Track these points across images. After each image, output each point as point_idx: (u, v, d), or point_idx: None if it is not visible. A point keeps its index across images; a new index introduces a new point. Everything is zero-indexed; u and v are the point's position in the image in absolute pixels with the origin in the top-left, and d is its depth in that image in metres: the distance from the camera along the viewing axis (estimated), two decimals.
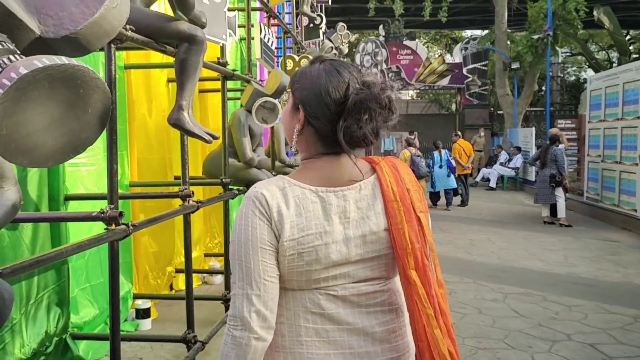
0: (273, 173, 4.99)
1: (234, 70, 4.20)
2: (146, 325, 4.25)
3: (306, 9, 8.12)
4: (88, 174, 3.79)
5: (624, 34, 18.35)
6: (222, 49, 4.02)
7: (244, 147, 4.47)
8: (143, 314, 4.24)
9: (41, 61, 1.06)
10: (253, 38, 4.72)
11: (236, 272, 1.16)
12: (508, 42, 17.77)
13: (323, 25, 8.99)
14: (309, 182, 1.20)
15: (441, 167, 11.18)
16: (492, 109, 22.22)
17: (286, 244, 1.14)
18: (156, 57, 4.45)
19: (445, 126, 22.88)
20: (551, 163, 9.04)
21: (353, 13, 22.12)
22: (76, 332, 3.58)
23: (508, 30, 17.90)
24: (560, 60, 24.31)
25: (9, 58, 1.11)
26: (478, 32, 24.46)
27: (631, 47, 21.23)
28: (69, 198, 3.54)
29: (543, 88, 22.87)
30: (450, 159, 11.23)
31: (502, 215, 10.48)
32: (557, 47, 18.09)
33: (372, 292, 1.22)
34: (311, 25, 8.72)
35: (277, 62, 6.50)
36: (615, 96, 9.39)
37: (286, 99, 5.13)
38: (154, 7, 3.08)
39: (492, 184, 15.12)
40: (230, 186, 4.25)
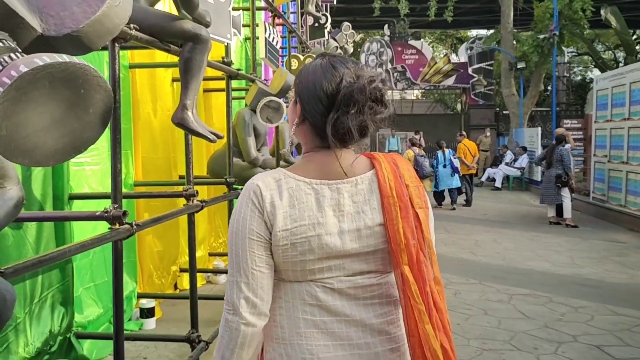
0: None
1: (239, 69, 4.18)
2: (150, 324, 4.25)
3: (311, 9, 8.11)
4: (92, 173, 3.79)
5: (631, 34, 18.21)
6: (227, 48, 4.01)
7: (249, 147, 4.46)
8: (147, 313, 4.24)
9: (42, 59, 1.05)
10: (258, 37, 4.71)
11: (230, 260, 1.21)
12: (514, 42, 17.69)
13: (328, 24, 8.98)
14: (305, 175, 1.22)
15: (445, 167, 11.17)
16: (498, 109, 22.16)
17: (279, 234, 1.17)
18: (161, 57, 4.44)
19: (450, 126, 22.81)
20: (557, 163, 8.99)
21: (358, 13, 22.08)
22: (80, 332, 3.58)
23: (514, 29, 17.81)
24: (566, 60, 24.22)
25: (10, 56, 1.10)
26: (483, 32, 24.35)
27: (638, 47, 21.10)
28: (73, 197, 3.54)
29: (549, 88, 22.79)
30: (452, 159, 11.20)
31: (508, 215, 10.44)
32: (563, 47, 18.02)
33: (369, 285, 1.23)
34: (316, 24, 8.71)
35: (282, 62, 6.49)
36: (622, 96, 9.33)
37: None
38: (159, 6, 3.07)
39: (498, 184, 15.06)
40: (234, 185, 4.24)
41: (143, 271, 4.68)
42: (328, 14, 9.07)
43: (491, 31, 21.00)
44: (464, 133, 13.54)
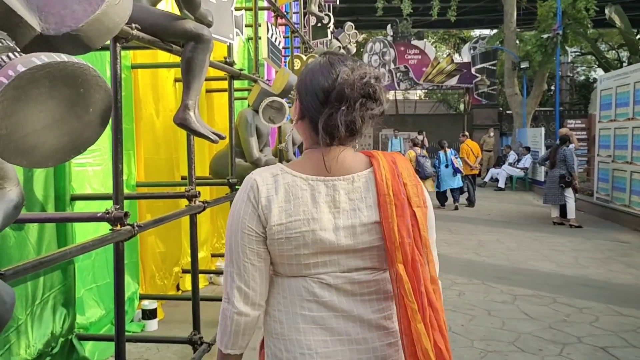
0: None
1: (241, 69, 4.17)
2: (152, 326, 4.23)
3: (314, 9, 8.09)
4: (94, 174, 3.78)
5: (635, 33, 18.14)
6: (229, 48, 3.99)
7: (251, 147, 4.44)
8: (149, 315, 4.23)
9: (40, 58, 1.03)
10: (260, 37, 4.69)
11: (225, 251, 1.27)
12: (517, 42, 17.64)
13: (331, 24, 8.96)
14: (302, 171, 1.24)
15: (447, 167, 11.14)
16: (501, 109, 22.09)
17: (275, 228, 1.20)
18: (163, 57, 4.43)
19: (453, 126, 22.77)
20: (561, 163, 8.95)
21: (361, 13, 22.06)
22: (82, 333, 3.57)
23: (517, 29, 17.76)
24: (569, 59, 24.13)
25: (8, 56, 1.08)
26: (487, 32, 24.30)
27: None
28: (75, 198, 3.53)
29: (552, 88, 22.72)
30: (453, 159, 11.16)
31: (511, 215, 10.40)
32: (567, 47, 17.95)
33: (366, 281, 1.24)
34: (319, 24, 8.69)
35: (285, 62, 6.48)
36: (626, 96, 9.29)
37: None
38: (161, 6, 3.06)
39: (501, 184, 15.02)
40: (237, 186, 4.22)
41: (145, 272, 4.67)
42: (331, 14, 9.05)
43: (494, 31, 20.99)
44: (467, 133, 13.50)
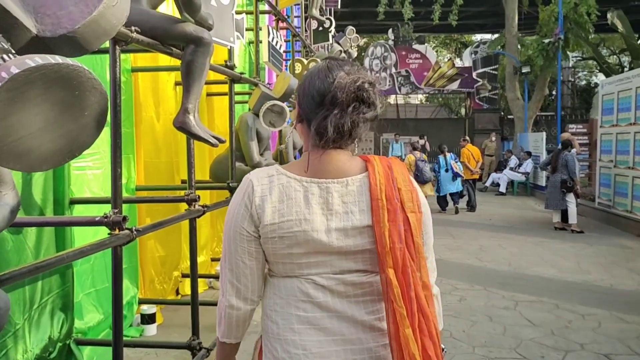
0: None
1: (242, 73, 4.15)
2: (151, 330, 4.20)
3: (315, 13, 8.08)
4: (94, 178, 3.75)
5: (637, 38, 18.12)
6: (230, 52, 3.98)
7: (251, 151, 4.42)
8: (148, 319, 4.20)
9: (34, 60, 1.01)
10: (261, 41, 4.68)
11: (222, 247, 1.33)
12: (518, 46, 17.62)
13: (332, 28, 8.95)
14: (297, 172, 1.26)
15: (447, 171, 11.12)
16: (502, 114, 22.08)
17: (268, 227, 1.23)
18: (164, 60, 4.42)
19: (454, 130, 22.74)
20: (562, 168, 8.92)
21: (362, 17, 22.07)
22: (80, 338, 3.54)
23: (519, 33, 17.75)
24: (570, 64, 24.12)
25: (2, 57, 1.06)
26: (488, 36, 24.31)
27: None
28: (75, 202, 3.50)
29: (554, 92, 22.71)
30: (453, 163, 11.13)
31: (513, 220, 10.36)
32: (568, 51, 17.92)
33: (359, 283, 1.26)
34: (320, 28, 8.69)
35: (286, 66, 6.46)
36: (628, 101, 9.26)
37: None
38: (161, 9, 3.05)
39: (502, 189, 14.98)
40: None
41: (144, 276, 4.64)
42: (332, 18, 9.05)
43: (496, 35, 20.96)
44: (467, 138, 13.46)
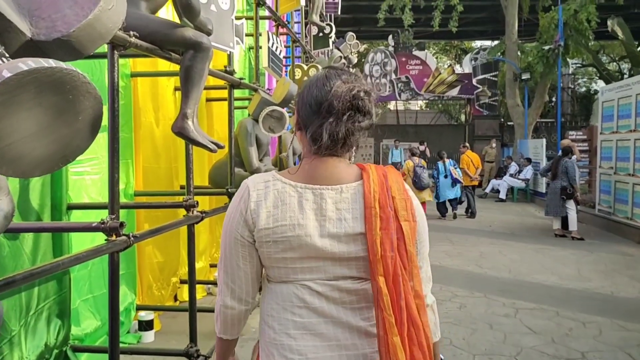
0: None
1: (241, 78, 4.14)
2: (149, 337, 4.17)
3: (315, 18, 8.09)
4: (92, 183, 3.73)
5: (637, 45, 18.14)
6: (229, 57, 3.97)
7: (251, 157, 4.40)
8: (146, 326, 4.16)
9: (27, 64, 0.99)
10: (261, 47, 4.67)
11: (220, 248, 1.37)
12: (518, 53, 17.64)
13: (332, 34, 8.96)
14: (292, 179, 1.29)
15: (446, 177, 11.11)
16: (502, 120, 22.09)
17: (263, 232, 1.25)
18: (163, 65, 4.40)
19: (454, 137, 22.77)
20: (562, 175, 8.89)
21: (363, 23, 22.12)
22: (77, 345, 3.51)
23: (518, 40, 17.78)
24: (570, 71, 24.15)
25: None
26: (488, 43, 24.34)
27: None
28: (72, 207, 3.48)
29: (553, 99, 22.71)
30: (452, 169, 11.11)
31: (513, 227, 10.33)
32: (568, 58, 17.94)
33: (354, 290, 1.26)
34: (320, 34, 8.69)
35: (286, 71, 6.46)
36: (628, 107, 9.25)
37: None
38: (161, 14, 3.03)
39: (502, 196, 14.95)
40: None
41: (142, 282, 4.61)
42: (332, 24, 9.06)
43: (496, 42, 21.01)
44: (467, 144, 13.45)
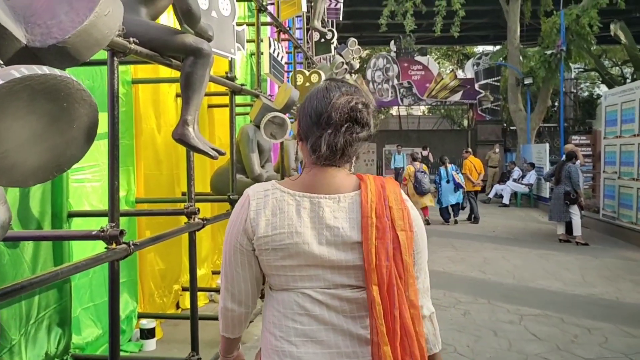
0: None
1: (243, 84, 4.12)
2: (150, 345, 4.14)
3: (317, 24, 8.08)
4: (93, 190, 3.71)
5: (639, 49, 18.07)
6: (231, 63, 3.95)
7: (252, 163, 4.38)
8: (147, 334, 4.13)
9: (19, 71, 0.97)
10: (262, 53, 4.66)
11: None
12: (521, 58, 17.62)
13: (334, 40, 8.95)
14: (291, 188, 1.31)
15: (448, 182, 11.08)
16: (505, 125, 22.04)
17: (262, 240, 1.27)
18: (164, 72, 4.39)
19: (457, 142, 22.71)
20: (566, 180, 8.84)
21: (364, 29, 22.14)
22: (78, 353, 3.48)
23: (521, 45, 17.75)
24: (573, 75, 24.11)
25: None
26: (490, 48, 24.33)
27: None
28: (73, 215, 3.46)
29: (556, 104, 22.67)
30: (454, 174, 11.08)
31: (517, 232, 10.28)
32: (571, 63, 17.89)
33: (353, 299, 1.28)
34: (322, 40, 8.68)
35: (288, 77, 6.44)
36: (631, 112, 9.21)
37: None
38: (162, 19, 3.02)
39: (506, 201, 14.89)
40: None
41: (144, 290, 4.58)
42: (334, 30, 9.05)
43: (498, 47, 20.99)
44: (470, 150, 13.42)
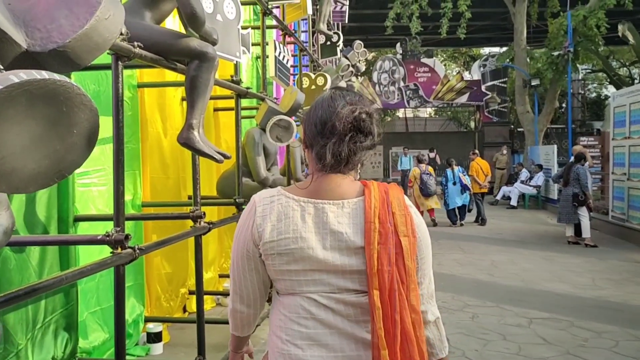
0: None
1: (248, 88, 4.12)
2: (157, 349, 4.13)
3: (322, 27, 8.08)
4: (99, 194, 3.71)
5: None
6: (236, 67, 3.95)
7: (258, 167, 4.37)
8: (154, 338, 4.12)
9: (18, 76, 0.96)
10: (268, 56, 4.65)
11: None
12: (527, 59, 17.54)
13: (340, 43, 8.94)
14: (296, 194, 1.34)
15: (455, 184, 11.04)
16: (512, 127, 21.94)
17: (267, 245, 1.30)
18: (170, 76, 4.40)
19: (464, 144, 22.65)
20: (574, 181, 8.77)
21: (370, 31, 22.14)
22: (85, 358, 3.48)
23: (527, 47, 17.68)
24: (580, 76, 23.97)
25: None
26: (496, 50, 24.24)
27: None
28: (79, 219, 3.46)
29: (564, 105, 22.55)
30: (461, 176, 11.03)
31: (524, 235, 10.21)
32: (578, 64, 17.79)
33: (358, 303, 1.30)
34: (328, 43, 8.68)
35: (294, 80, 6.44)
36: (639, 113, 9.14)
37: None
38: (167, 23, 3.02)
39: (513, 203, 14.80)
40: (243, 206, 4.14)
41: (151, 294, 4.57)
42: (340, 33, 9.05)
43: (504, 48, 20.90)
44: (477, 151, 13.36)
